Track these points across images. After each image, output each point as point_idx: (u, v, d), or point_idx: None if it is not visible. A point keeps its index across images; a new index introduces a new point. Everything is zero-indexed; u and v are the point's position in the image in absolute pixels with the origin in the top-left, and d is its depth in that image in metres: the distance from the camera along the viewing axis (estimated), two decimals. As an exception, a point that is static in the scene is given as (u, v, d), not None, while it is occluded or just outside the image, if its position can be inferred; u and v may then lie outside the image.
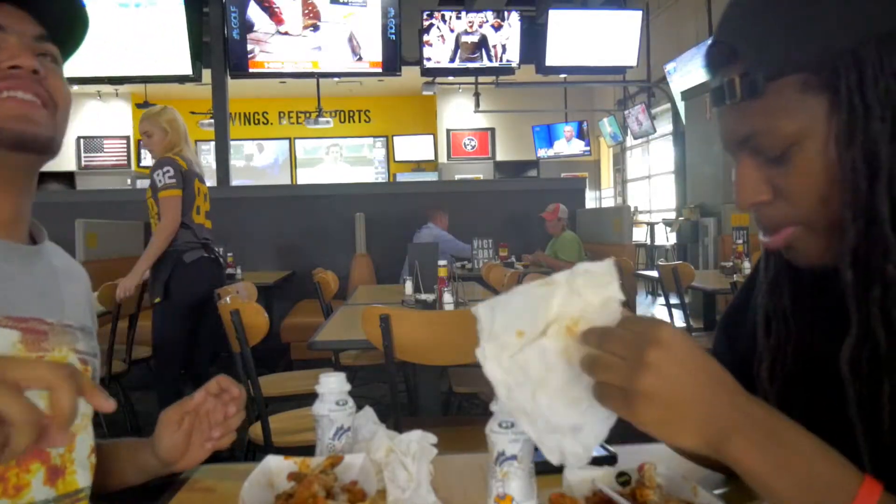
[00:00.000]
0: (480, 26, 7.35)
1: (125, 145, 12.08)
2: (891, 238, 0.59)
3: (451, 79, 9.18)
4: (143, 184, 3.01)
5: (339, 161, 13.03)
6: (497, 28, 7.35)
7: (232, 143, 7.12)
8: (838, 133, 0.61)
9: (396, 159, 12.82)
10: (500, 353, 0.61)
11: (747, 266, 4.03)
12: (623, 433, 0.69)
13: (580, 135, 11.56)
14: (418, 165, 12.70)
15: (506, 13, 7.41)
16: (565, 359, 0.60)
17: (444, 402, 3.06)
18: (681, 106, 7.71)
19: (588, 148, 11.73)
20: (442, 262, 2.84)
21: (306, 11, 6.65)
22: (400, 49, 6.90)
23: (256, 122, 12.95)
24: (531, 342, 0.60)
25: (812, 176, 0.63)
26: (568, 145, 11.60)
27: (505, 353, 0.61)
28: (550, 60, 7.66)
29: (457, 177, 11.63)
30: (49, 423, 0.51)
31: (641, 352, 0.55)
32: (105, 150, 12.11)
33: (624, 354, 0.56)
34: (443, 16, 7.33)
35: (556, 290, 0.61)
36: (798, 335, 0.72)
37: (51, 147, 0.82)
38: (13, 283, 0.80)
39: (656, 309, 8.34)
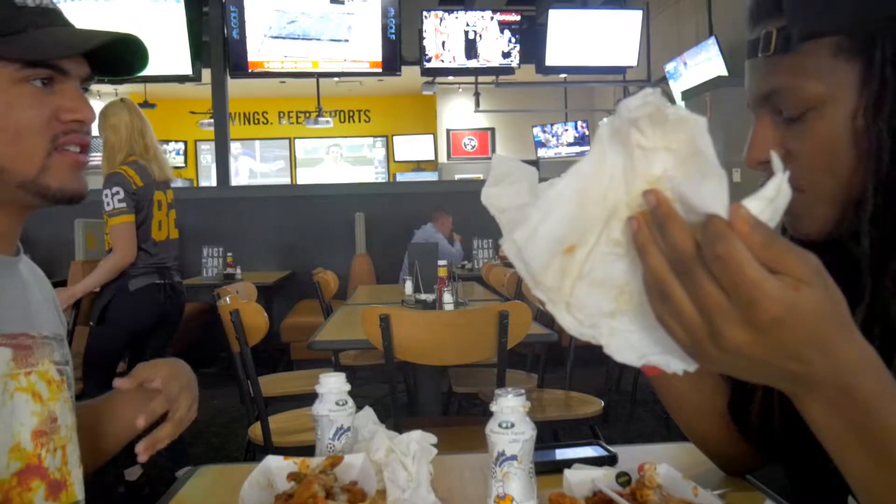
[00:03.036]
0: (481, 27, 7.34)
1: (125, 145, 12.06)
2: None
3: (450, 78, 9.17)
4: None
5: (339, 161, 13.01)
6: (497, 28, 7.35)
7: (231, 142, 7.11)
8: (867, 103, 0.60)
9: (396, 159, 12.80)
10: (556, 296, 0.48)
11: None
12: (623, 433, 0.69)
13: (579, 134, 11.56)
14: (418, 165, 12.68)
15: (506, 13, 7.40)
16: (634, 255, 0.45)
17: (444, 402, 3.06)
18: (681, 106, 7.70)
19: (588, 147, 11.72)
20: (442, 262, 2.84)
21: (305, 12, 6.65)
22: (400, 49, 6.89)
23: (256, 122, 12.93)
24: (586, 260, 0.46)
25: (826, 143, 0.63)
26: (565, 144, 11.61)
27: (560, 295, 0.47)
28: (550, 60, 7.64)
29: (457, 177, 11.61)
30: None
31: (726, 323, 0.43)
32: (105, 150, 12.08)
33: (705, 315, 0.44)
34: (443, 15, 7.32)
35: (604, 159, 0.45)
36: None
37: (81, 201, 0.81)
38: (2, 297, 0.79)
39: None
